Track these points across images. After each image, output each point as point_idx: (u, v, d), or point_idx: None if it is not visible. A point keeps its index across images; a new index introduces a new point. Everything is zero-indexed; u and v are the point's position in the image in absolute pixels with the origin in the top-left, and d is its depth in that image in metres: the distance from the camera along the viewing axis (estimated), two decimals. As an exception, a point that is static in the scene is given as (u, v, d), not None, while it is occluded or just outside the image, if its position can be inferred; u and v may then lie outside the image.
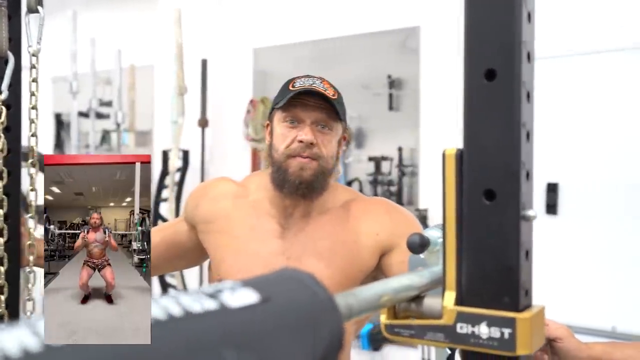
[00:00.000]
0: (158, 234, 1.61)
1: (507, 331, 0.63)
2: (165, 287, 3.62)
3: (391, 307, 0.73)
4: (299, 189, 1.38)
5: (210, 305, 0.41)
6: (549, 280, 2.60)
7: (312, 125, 1.37)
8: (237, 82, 3.76)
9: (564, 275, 2.64)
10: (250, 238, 1.44)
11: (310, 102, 1.36)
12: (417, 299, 0.73)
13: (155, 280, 3.57)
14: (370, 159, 3.17)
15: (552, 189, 2.69)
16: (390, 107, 3.19)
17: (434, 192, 3.07)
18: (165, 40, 3.73)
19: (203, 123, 3.58)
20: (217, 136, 3.72)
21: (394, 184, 3.16)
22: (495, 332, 0.63)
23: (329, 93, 1.37)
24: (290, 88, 1.37)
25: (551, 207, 2.68)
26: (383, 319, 0.73)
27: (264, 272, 1.62)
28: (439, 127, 3.07)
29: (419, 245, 0.82)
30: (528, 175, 0.68)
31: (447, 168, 0.68)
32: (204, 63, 3.60)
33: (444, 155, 0.68)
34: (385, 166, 3.19)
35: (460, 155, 0.67)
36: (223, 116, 3.73)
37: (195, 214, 1.52)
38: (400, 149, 3.17)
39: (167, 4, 3.69)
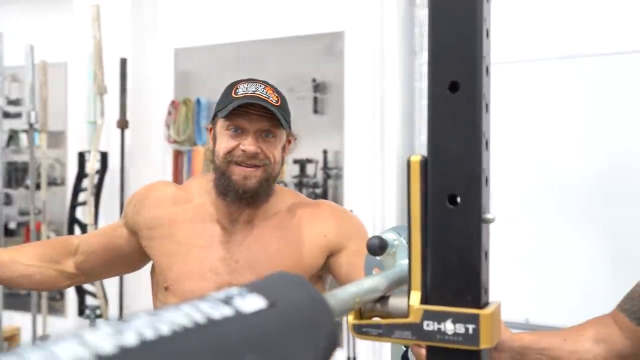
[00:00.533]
0: (95, 238, 1.56)
1: (471, 327, 0.66)
2: (82, 294, 3.49)
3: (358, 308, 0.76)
4: (243, 197, 1.38)
5: (227, 311, 0.42)
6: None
7: (256, 134, 1.37)
8: (158, 82, 3.69)
9: (490, 273, 2.77)
10: (197, 244, 1.42)
11: (253, 111, 1.36)
12: (382, 299, 0.77)
13: (72, 288, 3.43)
14: (296, 161, 3.19)
15: (473, 190, 2.82)
16: (315, 111, 3.23)
17: (358, 194, 3.13)
18: (81, 37, 3.60)
19: (122, 124, 3.47)
20: (137, 138, 3.62)
21: (319, 186, 3.20)
22: (460, 328, 0.67)
23: (272, 100, 1.37)
24: (233, 95, 1.36)
25: (473, 208, 2.81)
26: (350, 319, 0.76)
27: (212, 278, 1.62)
28: (363, 130, 3.14)
29: (378, 248, 0.85)
30: (487, 181, 0.72)
31: (412, 174, 0.72)
32: (123, 62, 3.50)
33: (409, 162, 0.71)
34: (310, 169, 3.23)
35: (424, 162, 0.71)
36: (143, 117, 3.63)
37: (136, 219, 1.49)
38: (325, 152, 3.21)
39: (84, 0, 3.56)
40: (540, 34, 2.85)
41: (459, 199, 0.69)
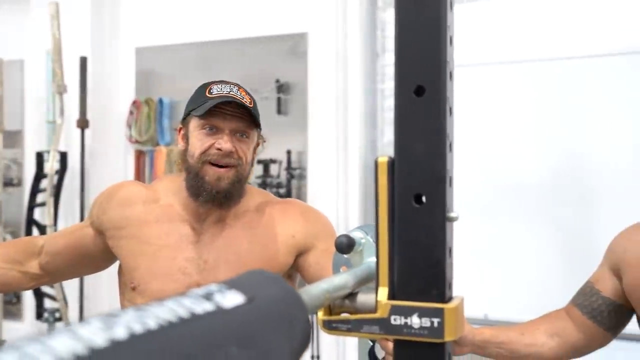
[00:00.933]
0: (62, 239, 1.55)
1: (436, 320, 0.69)
2: (40, 297, 3.42)
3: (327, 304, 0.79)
4: (216, 198, 1.39)
5: (208, 307, 0.44)
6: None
7: (231, 133, 1.38)
8: (119, 81, 3.64)
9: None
10: (165, 244, 1.42)
11: (228, 111, 1.38)
12: (351, 296, 0.79)
13: (29, 291, 3.36)
14: (259, 161, 3.20)
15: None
16: (279, 111, 3.24)
17: (321, 193, 3.16)
18: (39, 34, 3.52)
19: (83, 124, 3.42)
20: (98, 137, 3.56)
21: (282, 186, 3.21)
22: (426, 322, 0.70)
23: (246, 101, 1.39)
24: (208, 95, 1.37)
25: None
26: (320, 315, 0.78)
27: (181, 278, 1.63)
28: (326, 130, 3.17)
29: (346, 246, 0.88)
30: (451, 182, 0.76)
31: (380, 175, 0.74)
32: (83, 61, 3.44)
33: (376, 163, 0.74)
34: (274, 169, 3.24)
35: (391, 163, 0.73)
36: (104, 117, 3.58)
37: (103, 220, 1.48)
38: (288, 152, 3.23)
39: (42, -3, 3.49)
40: (494, 38, 2.93)
41: (424, 199, 0.71)
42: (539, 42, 2.85)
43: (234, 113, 1.38)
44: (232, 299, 0.47)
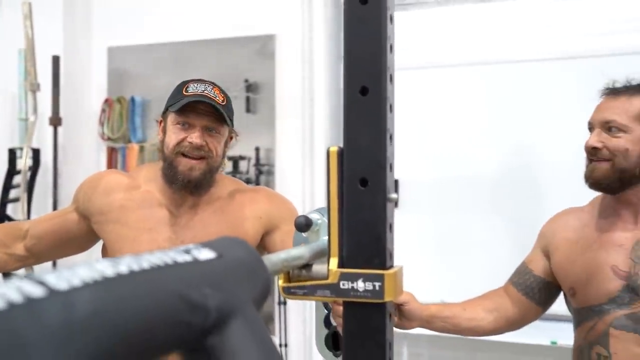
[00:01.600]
0: (46, 223, 1.65)
1: (377, 284, 0.82)
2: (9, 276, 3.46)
3: (286, 273, 0.91)
4: (188, 186, 1.52)
5: (187, 258, 0.57)
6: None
7: (202, 129, 1.52)
8: (92, 80, 3.70)
9: (404, 258, 2.98)
10: (146, 227, 1.55)
11: (201, 108, 1.51)
12: (307, 266, 0.92)
13: None
14: (229, 158, 3.30)
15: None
16: (248, 110, 3.34)
17: (288, 189, 3.28)
18: (10, 33, 3.57)
19: (55, 121, 3.48)
20: (70, 135, 3.63)
21: (251, 182, 3.31)
22: (369, 286, 0.82)
23: (219, 100, 1.52)
24: (184, 93, 1.50)
25: (393, 201, 3.03)
26: (280, 282, 0.90)
27: None
28: (293, 128, 3.29)
29: (304, 225, 1.00)
30: (391, 168, 0.88)
31: (331, 162, 0.87)
32: (56, 59, 3.50)
33: (328, 152, 0.86)
34: (243, 165, 3.34)
35: (341, 152, 0.86)
36: (76, 115, 3.64)
37: (88, 206, 1.59)
38: (257, 149, 3.33)
39: (15, -3, 3.54)
40: (456, 42, 3.09)
41: (368, 182, 0.84)
42: (494, 46, 3.03)
43: (205, 111, 1.51)
44: (206, 254, 0.59)
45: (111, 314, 0.42)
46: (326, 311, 1.17)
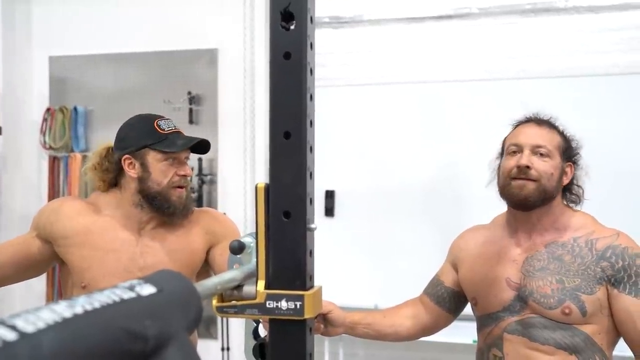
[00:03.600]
0: (9, 249, 1.73)
1: (298, 303, 0.91)
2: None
3: (220, 293, 1.02)
4: (182, 212, 1.66)
5: (132, 294, 0.68)
6: (327, 269, 3.08)
7: (184, 160, 1.66)
8: (33, 89, 3.69)
9: (338, 265, 3.14)
10: (111, 248, 1.66)
11: (182, 143, 1.66)
12: (238, 287, 1.03)
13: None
14: (172, 168, 3.34)
15: (329, 195, 3.17)
16: (191, 121, 3.41)
17: (230, 198, 3.37)
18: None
19: (-5, 130, 3.46)
20: (11, 144, 3.61)
21: (194, 192, 3.38)
22: (291, 305, 0.92)
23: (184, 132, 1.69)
24: (160, 131, 1.62)
25: (329, 210, 3.17)
26: (214, 302, 1.01)
27: (125, 276, 1.92)
28: (235, 139, 3.38)
29: (237, 248, 1.11)
30: (311, 201, 1.00)
31: (259, 196, 0.97)
32: (-5, 69, 3.48)
33: (256, 188, 0.96)
34: (186, 175, 3.40)
35: (267, 188, 0.96)
36: (17, 124, 3.63)
37: (51, 230, 1.68)
38: (200, 159, 3.40)
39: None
40: (389, 60, 3.26)
41: (291, 214, 0.96)
42: (425, 65, 3.21)
43: (184, 144, 1.66)
44: (148, 289, 0.70)
45: (70, 350, 0.53)
46: (255, 324, 1.29)
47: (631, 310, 1.46)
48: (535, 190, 1.56)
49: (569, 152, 1.61)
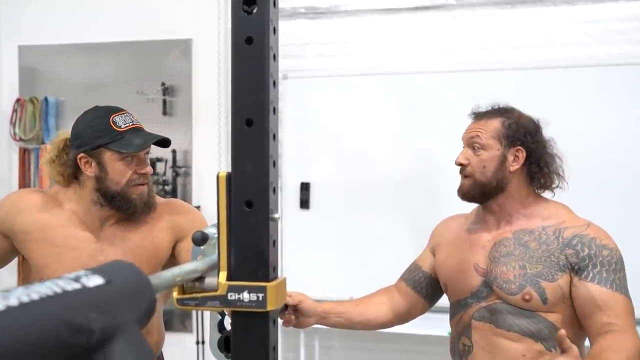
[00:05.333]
0: None
1: (260, 295, 0.89)
2: None
3: (180, 285, 0.99)
4: (144, 209, 1.60)
5: (76, 286, 0.65)
6: (302, 261, 3.07)
7: (144, 157, 1.60)
8: (2, 79, 3.61)
9: (313, 257, 3.13)
10: (71, 246, 1.60)
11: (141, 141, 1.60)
12: (200, 279, 1.00)
13: None
14: (146, 160, 3.31)
15: (305, 187, 3.15)
16: (164, 112, 3.37)
17: (205, 191, 3.34)
18: None
19: (-37, 121, 3.39)
20: (-20, 136, 3.54)
21: (168, 184, 3.35)
22: (254, 297, 0.90)
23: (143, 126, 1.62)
24: (117, 129, 1.56)
25: (304, 203, 3.15)
26: (175, 294, 0.99)
27: None
28: (209, 131, 3.34)
29: (200, 240, 1.08)
30: (274, 190, 0.97)
31: (221, 185, 0.94)
32: (-37, 58, 3.40)
33: (218, 177, 0.93)
34: (160, 167, 3.36)
35: (229, 177, 0.93)
36: (-14, 115, 3.56)
37: (8, 225, 1.63)
38: (174, 151, 3.36)
39: None
40: (365, 51, 3.24)
41: (253, 204, 0.93)
42: (402, 56, 3.20)
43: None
44: (95, 280, 0.67)
45: (0, 344, 0.50)
46: (220, 316, 1.26)
47: (594, 297, 1.46)
48: (471, 186, 1.60)
49: (513, 137, 1.59)
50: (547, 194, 1.66)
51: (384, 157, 3.13)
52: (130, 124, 1.62)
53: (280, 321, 1.30)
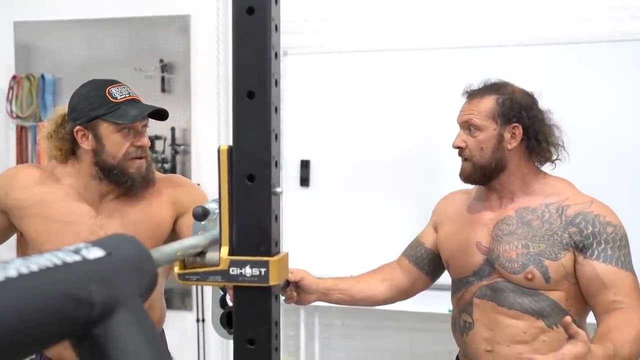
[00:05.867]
0: None
1: (263, 270, 0.88)
2: None
3: (182, 260, 0.98)
4: (142, 183, 1.58)
5: (76, 258, 0.63)
6: (302, 239, 3.07)
7: (141, 129, 1.57)
8: (-3, 56, 3.58)
9: (314, 235, 3.13)
10: (69, 221, 1.58)
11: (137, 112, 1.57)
12: (201, 254, 0.99)
13: None
14: (144, 137, 3.29)
15: (305, 165, 3.14)
16: (163, 90, 3.34)
17: (205, 168, 3.32)
18: None
19: (-41, 99, 3.36)
20: (-24, 113, 3.51)
21: (167, 162, 3.33)
22: (256, 271, 0.89)
23: (140, 98, 1.58)
24: (113, 100, 1.53)
25: (304, 180, 3.14)
26: (176, 269, 0.98)
27: None
28: (208, 108, 3.32)
29: (201, 215, 1.07)
30: (277, 164, 0.96)
31: (222, 159, 0.93)
32: (-42, 35, 3.36)
33: (219, 150, 0.92)
34: (159, 145, 3.34)
35: (230, 150, 0.92)
36: (-18, 93, 3.52)
37: (5, 202, 1.61)
38: (173, 129, 3.34)
39: None
40: (367, 27, 3.20)
41: (255, 178, 0.92)
42: (405, 33, 3.16)
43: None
44: (95, 252, 0.66)
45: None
46: (222, 292, 1.26)
47: (600, 275, 1.45)
48: (471, 169, 1.59)
49: (508, 114, 1.56)
50: (548, 167, 1.64)
51: (384, 135, 3.11)
52: (127, 95, 1.59)
53: (281, 298, 1.30)
